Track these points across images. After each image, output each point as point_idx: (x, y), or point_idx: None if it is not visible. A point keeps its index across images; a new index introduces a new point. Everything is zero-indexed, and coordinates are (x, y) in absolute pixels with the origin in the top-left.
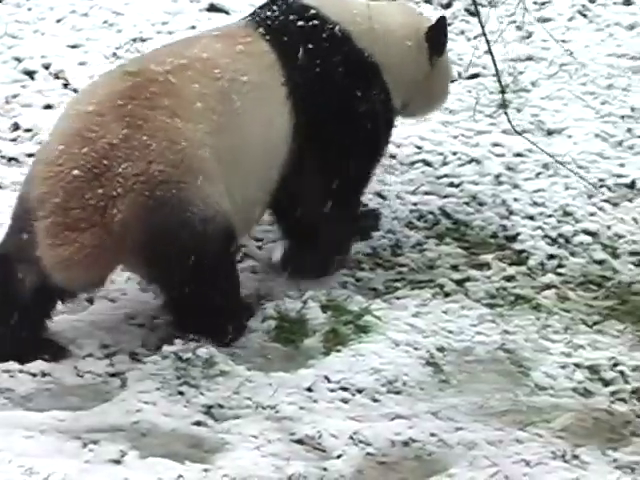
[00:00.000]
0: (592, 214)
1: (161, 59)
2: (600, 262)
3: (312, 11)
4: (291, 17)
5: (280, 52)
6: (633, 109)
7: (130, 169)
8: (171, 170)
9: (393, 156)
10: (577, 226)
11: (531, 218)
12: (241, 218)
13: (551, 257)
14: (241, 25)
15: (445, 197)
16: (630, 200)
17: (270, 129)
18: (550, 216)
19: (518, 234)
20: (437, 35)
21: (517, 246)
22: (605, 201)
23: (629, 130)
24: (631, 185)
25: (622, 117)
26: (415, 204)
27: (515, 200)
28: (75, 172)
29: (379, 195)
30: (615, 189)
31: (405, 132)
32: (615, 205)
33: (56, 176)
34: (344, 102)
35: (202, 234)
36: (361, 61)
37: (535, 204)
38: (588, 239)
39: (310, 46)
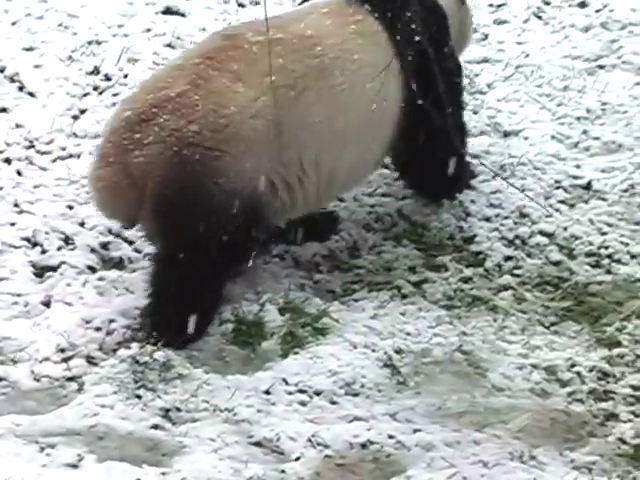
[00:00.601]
0: (548, 215)
1: (262, 29)
2: (556, 263)
3: None
4: None
5: (388, 29)
6: (588, 110)
7: (170, 123)
8: (208, 134)
9: None
10: (533, 227)
11: (488, 220)
12: (312, 193)
13: (508, 258)
14: (342, 1)
15: (402, 199)
16: (586, 201)
17: (380, 103)
18: (507, 218)
19: (475, 236)
20: None
21: (474, 248)
22: (561, 202)
23: (585, 132)
24: (587, 186)
25: (578, 119)
26: (372, 206)
27: (472, 202)
28: (128, 113)
29: (337, 197)
30: (571, 190)
31: None
32: (571, 206)
33: (118, 114)
34: (444, 62)
35: (224, 206)
36: (446, 18)
37: (492, 206)
38: (544, 240)
39: (409, 18)
